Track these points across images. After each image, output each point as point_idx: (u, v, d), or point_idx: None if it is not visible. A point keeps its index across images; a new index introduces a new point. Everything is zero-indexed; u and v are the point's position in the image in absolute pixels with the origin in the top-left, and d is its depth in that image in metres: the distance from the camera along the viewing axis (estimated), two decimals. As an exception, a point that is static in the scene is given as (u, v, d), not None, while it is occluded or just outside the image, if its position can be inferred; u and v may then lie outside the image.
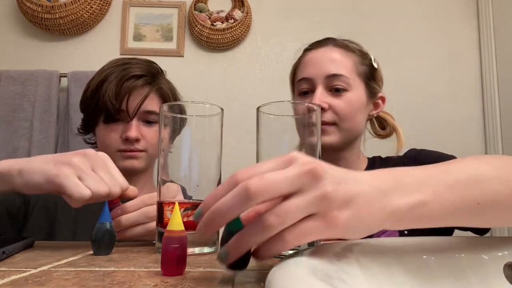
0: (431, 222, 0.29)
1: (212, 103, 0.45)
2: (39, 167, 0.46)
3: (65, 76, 1.48)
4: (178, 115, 0.45)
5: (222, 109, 0.46)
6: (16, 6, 1.57)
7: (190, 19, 1.59)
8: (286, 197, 0.26)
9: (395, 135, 0.86)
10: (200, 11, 1.61)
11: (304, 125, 0.44)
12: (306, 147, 0.43)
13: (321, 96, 0.73)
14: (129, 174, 0.82)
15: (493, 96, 1.56)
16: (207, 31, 1.55)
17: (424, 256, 0.30)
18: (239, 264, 0.27)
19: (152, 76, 0.82)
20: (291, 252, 0.40)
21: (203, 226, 0.27)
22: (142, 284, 0.26)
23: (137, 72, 0.79)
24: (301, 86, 0.78)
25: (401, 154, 0.82)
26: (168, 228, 0.31)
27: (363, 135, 0.83)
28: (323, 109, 0.72)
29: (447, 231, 0.66)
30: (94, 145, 0.87)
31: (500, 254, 0.31)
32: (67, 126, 1.42)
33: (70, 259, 0.37)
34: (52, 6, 1.48)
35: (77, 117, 1.37)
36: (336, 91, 0.74)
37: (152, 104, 0.81)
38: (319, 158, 0.44)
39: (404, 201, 0.27)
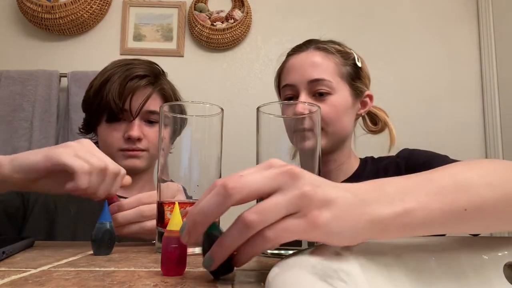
0: (418, 230, 0.29)
1: (212, 103, 0.45)
2: (35, 151, 0.48)
3: (65, 76, 1.48)
4: (179, 115, 0.45)
5: (222, 109, 0.46)
6: (16, 6, 1.57)
7: (190, 19, 1.59)
8: (265, 198, 0.26)
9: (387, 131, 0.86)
10: (200, 11, 1.61)
11: (296, 129, 0.44)
12: (303, 152, 0.43)
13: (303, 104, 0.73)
14: (131, 174, 0.83)
15: (493, 96, 1.56)
16: (207, 31, 1.55)
17: (424, 256, 0.30)
18: (224, 270, 0.28)
19: (155, 76, 0.83)
20: (291, 252, 0.40)
21: (187, 230, 0.27)
22: (142, 284, 0.26)
23: (140, 72, 0.80)
24: (286, 92, 0.78)
25: (393, 150, 0.82)
26: (168, 228, 0.31)
27: (352, 135, 0.83)
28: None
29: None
30: (96, 145, 0.88)
31: (500, 254, 0.31)
32: (67, 126, 1.42)
33: (70, 259, 0.37)
34: (52, 6, 1.48)
35: (77, 117, 1.37)
36: (320, 95, 0.73)
37: (155, 104, 0.81)
38: (319, 159, 0.44)
39: (387, 210, 0.27)
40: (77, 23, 1.54)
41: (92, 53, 1.59)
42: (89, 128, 0.85)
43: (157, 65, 0.88)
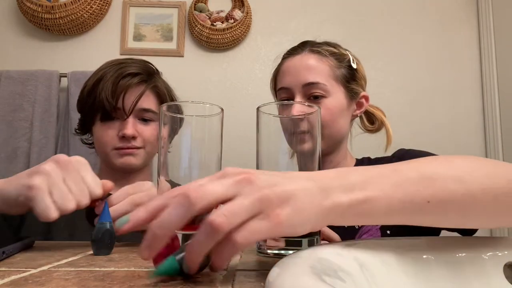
0: (378, 218, 0.29)
1: (212, 103, 0.45)
2: (15, 182, 0.46)
3: (65, 76, 1.48)
4: (175, 115, 0.45)
5: (222, 109, 0.46)
6: (16, 6, 1.57)
7: (190, 19, 1.59)
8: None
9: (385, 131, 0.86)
10: (200, 11, 1.61)
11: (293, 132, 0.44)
12: (302, 154, 0.43)
13: (299, 106, 0.73)
14: (127, 172, 0.83)
15: (493, 96, 1.56)
16: (207, 31, 1.55)
17: (424, 256, 0.30)
18: (199, 269, 0.28)
19: (148, 74, 0.83)
20: (291, 252, 0.40)
21: (147, 244, 0.26)
22: (142, 284, 0.26)
23: (133, 70, 0.80)
24: (281, 95, 0.78)
25: (391, 150, 0.82)
26: None
27: (349, 135, 0.83)
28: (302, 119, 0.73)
29: (433, 232, 0.66)
30: (92, 145, 0.88)
31: (500, 254, 0.31)
32: (67, 126, 1.42)
33: (70, 259, 0.37)
34: (52, 6, 1.48)
35: (77, 117, 1.35)
36: (314, 99, 0.74)
37: (148, 102, 0.81)
38: (319, 160, 0.44)
39: (347, 197, 0.28)
40: (77, 23, 1.54)
41: (92, 53, 1.59)
42: (84, 128, 0.85)
43: (151, 64, 0.88)
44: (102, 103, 0.76)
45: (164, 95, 0.85)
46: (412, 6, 1.67)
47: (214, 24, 1.58)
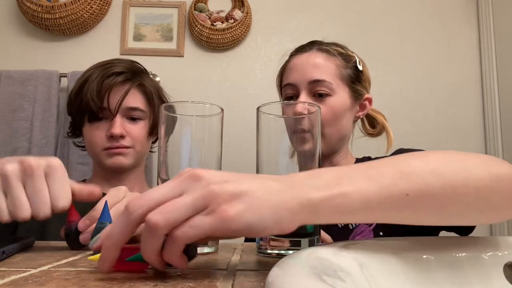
0: (356, 215, 0.28)
1: (212, 103, 0.45)
2: None
3: (65, 76, 1.48)
4: (171, 114, 0.45)
5: (222, 109, 0.46)
6: (16, 6, 1.57)
7: (190, 19, 1.59)
8: None
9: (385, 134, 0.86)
10: (200, 11, 1.61)
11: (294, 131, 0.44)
12: (302, 154, 0.43)
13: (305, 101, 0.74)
14: (118, 172, 0.83)
15: (493, 96, 1.56)
16: (207, 31, 1.55)
17: (424, 256, 0.30)
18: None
19: (133, 73, 0.83)
20: (291, 252, 0.40)
21: (102, 258, 0.27)
22: (142, 284, 0.26)
23: (118, 69, 0.80)
24: (287, 91, 0.79)
25: (390, 151, 0.83)
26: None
27: (350, 137, 0.83)
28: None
29: (431, 232, 0.66)
30: (84, 148, 0.88)
31: (500, 254, 0.31)
32: (67, 126, 1.42)
33: (70, 259, 0.37)
34: (52, 6, 1.48)
35: (77, 117, 1.37)
36: (319, 96, 0.74)
37: (135, 100, 0.81)
38: (319, 160, 0.44)
39: (320, 193, 0.27)
40: (77, 23, 1.54)
41: (92, 53, 1.59)
42: (75, 131, 0.85)
43: (139, 64, 0.88)
44: (88, 103, 0.76)
45: (151, 93, 0.84)
46: (412, 6, 1.67)
47: (214, 24, 1.58)
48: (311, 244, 0.41)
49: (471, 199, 0.30)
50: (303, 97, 0.74)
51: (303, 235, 0.41)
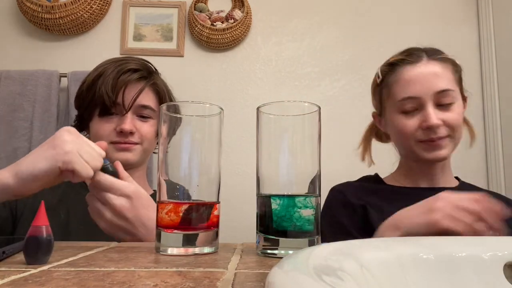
0: None
1: (212, 103, 0.45)
2: (42, 155, 0.51)
3: (65, 76, 1.48)
4: (174, 115, 0.45)
5: (222, 109, 0.46)
6: (16, 6, 1.57)
7: (190, 19, 1.59)
8: None
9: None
10: (200, 11, 1.61)
11: None
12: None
13: (435, 114, 0.74)
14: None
15: (493, 97, 1.56)
16: (207, 31, 1.55)
17: (424, 256, 0.30)
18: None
19: (148, 72, 0.84)
20: (291, 252, 0.40)
21: None
22: (142, 284, 0.26)
23: (133, 66, 0.80)
24: (408, 104, 0.76)
25: (473, 145, 0.85)
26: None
27: None
28: (437, 126, 0.74)
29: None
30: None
31: (500, 254, 0.31)
32: (68, 125, 1.42)
33: (70, 259, 0.37)
34: (52, 6, 1.48)
35: (77, 117, 1.37)
36: (444, 105, 0.75)
37: (148, 98, 0.81)
38: (319, 162, 0.44)
39: None
40: (77, 23, 1.54)
41: (92, 53, 1.59)
42: (82, 125, 0.85)
43: (151, 64, 0.88)
44: (102, 97, 0.76)
45: (164, 93, 0.85)
46: (412, 6, 1.67)
47: (214, 24, 1.58)
48: (311, 244, 0.41)
49: None
50: (431, 110, 0.74)
51: (304, 236, 0.41)
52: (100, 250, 0.44)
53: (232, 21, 1.57)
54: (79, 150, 0.51)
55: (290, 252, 0.40)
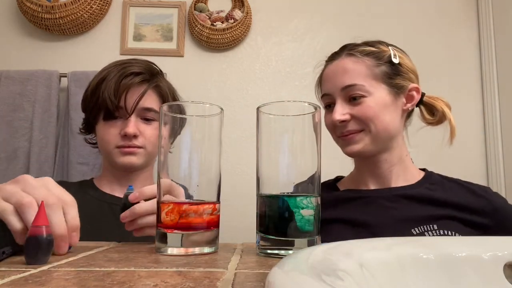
0: None
1: (212, 103, 0.45)
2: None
3: (65, 76, 1.48)
4: (177, 115, 0.45)
5: (222, 109, 0.46)
6: (16, 6, 1.57)
7: (190, 19, 1.59)
8: None
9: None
10: (200, 11, 1.61)
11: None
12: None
13: (340, 109, 0.75)
14: (128, 171, 0.83)
15: (493, 97, 1.55)
16: (207, 31, 1.55)
17: (424, 256, 0.30)
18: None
19: (151, 74, 0.84)
20: (291, 252, 0.40)
21: None
22: (142, 284, 0.26)
23: (136, 69, 0.81)
24: (325, 101, 0.81)
25: (454, 143, 0.81)
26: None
27: (402, 134, 0.82)
28: (345, 121, 0.75)
29: None
30: (95, 145, 0.89)
31: (500, 254, 0.31)
32: (67, 126, 1.42)
33: (70, 259, 0.37)
34: (52, 6, 1.48)
35: (77, 117, 1.37)
36: (354, 100, 0.75)
37: (151, 101, 0.82)
38: (319, 162, 0.44)
39: None
40: (77, 23, 1.54)
41: (92, 53, 1.59)
42: (88, 128, 0.86)
43: (156, 65, 0.89)
44: (105, 102, 0.77)
45: (167, 95, 0.85)
46: (412, 6, 1.67)
47: (214, 24, 1.58)
48: (311, 244, 0.41)
49: None
50: (338, 105, 0.75)
51: (303, 235, 0.41)
52: (100, 250, 0.44)
53: (232, 21, 1.57)
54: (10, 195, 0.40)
55: (290, 252, 0.40)
